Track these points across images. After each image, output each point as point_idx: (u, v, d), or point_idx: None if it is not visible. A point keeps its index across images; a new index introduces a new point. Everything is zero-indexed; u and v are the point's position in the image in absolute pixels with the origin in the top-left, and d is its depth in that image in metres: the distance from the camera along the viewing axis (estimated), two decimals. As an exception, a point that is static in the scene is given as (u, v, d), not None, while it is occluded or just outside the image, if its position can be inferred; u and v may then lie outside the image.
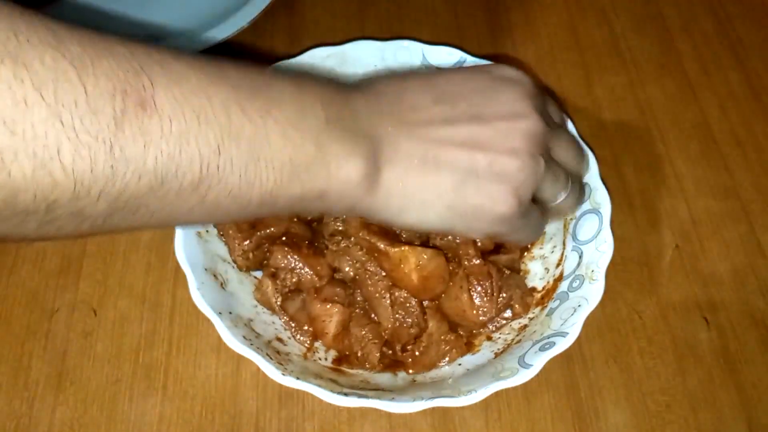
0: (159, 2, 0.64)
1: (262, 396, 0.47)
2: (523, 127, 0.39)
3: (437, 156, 0.38)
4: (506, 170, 0.38)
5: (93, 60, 0.27)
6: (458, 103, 0.39)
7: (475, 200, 0.38)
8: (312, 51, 0.53)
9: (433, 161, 0.38)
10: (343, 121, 0.36)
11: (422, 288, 0.45)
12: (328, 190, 0.35)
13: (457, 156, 0.38)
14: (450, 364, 0.46)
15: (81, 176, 0.27)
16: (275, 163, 0.33)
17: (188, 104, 0.29)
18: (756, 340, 0.50)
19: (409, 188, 0.37)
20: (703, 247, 0.54)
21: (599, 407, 0.47)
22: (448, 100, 0.39)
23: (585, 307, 0.43)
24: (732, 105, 0.62)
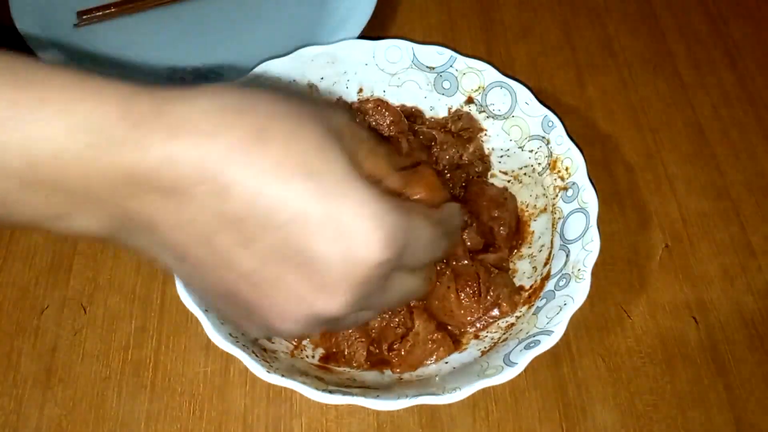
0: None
1: (251, 394, 0.47)
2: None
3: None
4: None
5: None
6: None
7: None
8: (301, 50, 0.53)
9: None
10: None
11: None
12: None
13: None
14: (437, 363, 0.46)
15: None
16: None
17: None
18: (745, 340, 0.50)
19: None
20: (693, 247, 0.54)
21: (587, 406, 0.47)
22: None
23: (570, 306, 0.43)
24: (724, 105, 0.62)
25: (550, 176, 0.51)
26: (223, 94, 0.31)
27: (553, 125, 0.51)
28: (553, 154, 0.51)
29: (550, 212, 0.50)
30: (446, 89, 0.55)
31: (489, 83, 0.54)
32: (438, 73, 0.55)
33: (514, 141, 0.53)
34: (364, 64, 0.55)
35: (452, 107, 0.55)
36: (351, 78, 0.55)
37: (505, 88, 0.53)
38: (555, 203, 0.50)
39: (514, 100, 0.53)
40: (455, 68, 0.54)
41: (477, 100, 0.54)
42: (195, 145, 0.29)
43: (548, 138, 0.51)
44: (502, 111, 0.54)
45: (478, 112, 0.55)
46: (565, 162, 0.50)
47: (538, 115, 0.52)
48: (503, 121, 0.54)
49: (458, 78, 0.54)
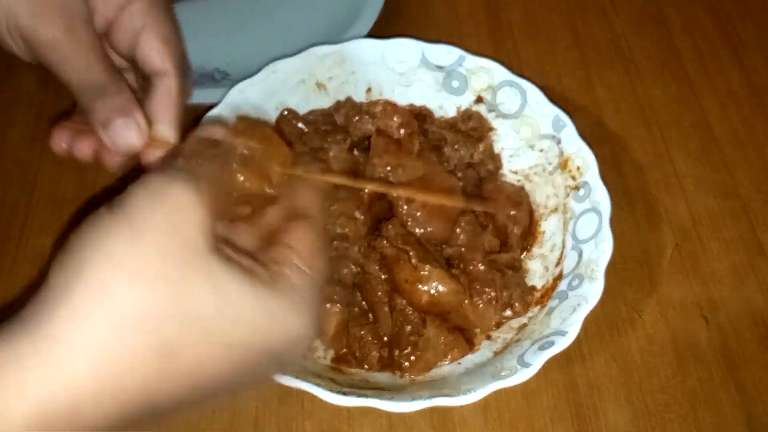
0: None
1: (261, 395, 0.47)
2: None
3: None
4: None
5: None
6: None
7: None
8: (311, 49, 0.53)
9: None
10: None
11: (424, 307, 0.45)
12: None
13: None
14: (450, 364, 0.46)
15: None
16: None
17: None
18: (756, 339, 0.50)
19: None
20: (703, 246, 0.54)
21: (599, 406, 0.47)
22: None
23: (584, 306, 0.43)
24: (732, 103, 0.62)
25: (561, 176, 0.51)
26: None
27: (564, 124, 0.51)
28: (564, 153, 0.51)
29: (562, 212, 0.50)
30: (455, 88, 0.55)
31: (499, 82, 0.53)
32: (447, 72, 0.55)
33: (524, 140, 0.53)
34: (373, 63, 0.55)
35: (461, 107, 0.55)
36: (359, 77, 0.55)
37: (515, 87, 0.53)
38: (566, 203, 0.50)
39: (524, 100, 0.53)
40: (464, 67, 0.54)
41: (487, 99, 0.54)
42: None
43: (559, 137, 0.51)
44: (512, 110, 0.53)
45: (487, 111, 0.54)
46: (577, 161, 0.50)
47: (549, 115, 0.52)
48: (513, 120, 0.54)
49: (467, 77, 0.54)
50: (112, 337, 0.26)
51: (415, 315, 0.45)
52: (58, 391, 0.26)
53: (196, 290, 0.28)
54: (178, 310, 0.28)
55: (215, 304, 0.28)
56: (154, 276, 0.27)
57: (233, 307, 0.29)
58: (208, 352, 0.28)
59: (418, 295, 0.44)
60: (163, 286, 0.27)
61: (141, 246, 0.28)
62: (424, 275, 0.44)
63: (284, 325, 0.31)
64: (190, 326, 0.28)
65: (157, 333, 0.27)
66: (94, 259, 0.27)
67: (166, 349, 0.27)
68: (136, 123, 0.38)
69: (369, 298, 0.47)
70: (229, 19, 0.65)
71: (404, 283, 0.45)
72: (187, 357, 0.28)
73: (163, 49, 0.40)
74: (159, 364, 0.27)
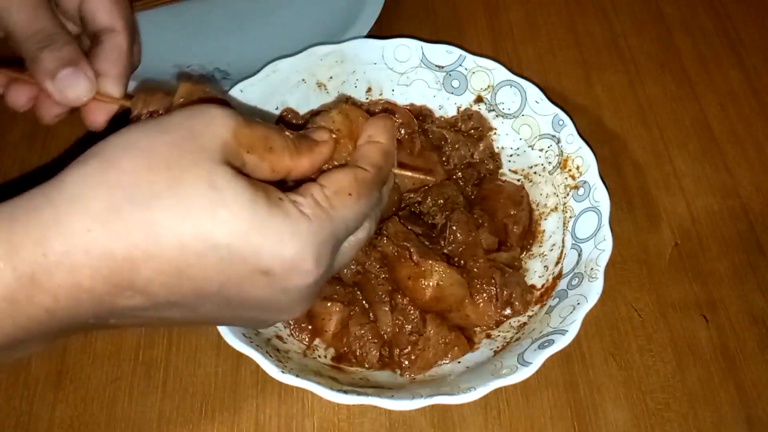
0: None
1: (262, 393, 0.47)
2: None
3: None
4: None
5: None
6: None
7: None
8: (311, 49, 0.53)
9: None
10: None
11: (428, 303, 0.45)
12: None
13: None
14: (451, 362, 0.46)
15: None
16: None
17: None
18: (755, 339, 0.50)
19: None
20: (702, 246, 0.54)
21: (598, 405, 0.47)
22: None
23: (584, 305, 0.43)
24: (732, 103, 0.62)
25: (561, 175, 0.51)
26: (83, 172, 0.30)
27: (564, 124, 0.51)
28: (563, 152, 0.51)
29: (561, 211, 0.50)
30: (455, 88, 0.55)
31: (498, 82, 0.54)
32: (447, 72, 0.55)
33: (524, 140, 0.53)
34: (373, 63, 0.55)
35: (461, 106, 0.55)
36: (360, 77, 0.55)
37: (515, 86, 0.53)
38: (566, 202, 0.50)
39: (523, 99, 0.53)
40: (464, 67, 0.54)
41: (486, 99, 0.54)
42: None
43: (559, 137, 0.51)
44: (512, 110, 0.53)
45: (487, 111, 0.55)
46: (576, 161, 0.50)
47: (549, 114, 0.52)
48: (513, 120, 0.54)
49: (467, 77, 0.54)
50: (106, 212, 0.28)
51: (415, 314, 0.45)
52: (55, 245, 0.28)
53: (192, 181, 0.29)
54: (170, 192, 0.29)
55: (208, 199, 0.29)
56: (157, 160, 0.29)
57: (227, 209, 0.29)
58: (194, 245, 0.29)
59: (421, 291, 0.44)
60: (163, 170, 0.29)
61: (159, 138, 0.30)
62: (426, 270, 0.44)
63: (277, 246, 0.30)
64: (180, 212, 0.29)
65: (149, 210, 0.28)
66: (114, 142, 0.30)
67: (152, 227, 0.28)
68: (85, 74, 0.38)
69: (369, 297, 0.47)
70: (229, 19, 0.65)
71: (406, 279, 0.45)
72: (171, 240, 0.29)
73: (112, 7, 0.40)
74: (145, 242, 0.28)
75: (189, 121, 0.31)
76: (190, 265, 0.29)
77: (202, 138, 0.30)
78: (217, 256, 0.29)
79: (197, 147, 0.30)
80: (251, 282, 0.31)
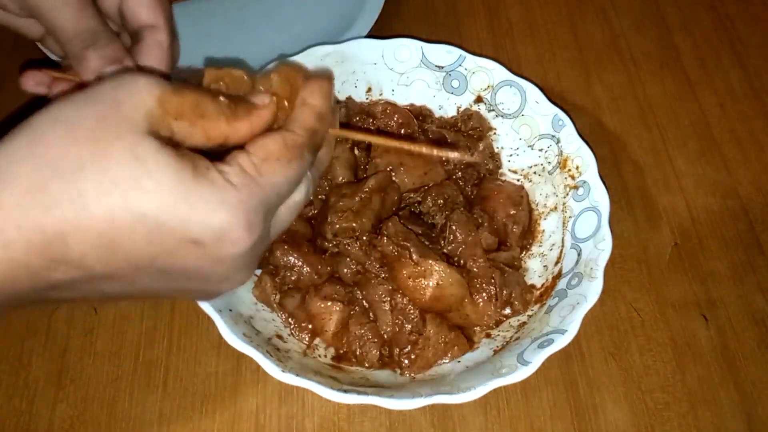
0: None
1: (263, 393, 0.47)
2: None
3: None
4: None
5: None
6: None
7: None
8: (311, 49, 0.53)
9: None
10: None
11: (428, 303, 0.45)
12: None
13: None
14: (451, 362, 0.46)
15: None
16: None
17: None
18: (755, 338, 0.50)
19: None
20: (702, 245, 0.54)
21: (598, 404, 0.47)
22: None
23: (583, 305, 0.43)
24: (731, 103, 0.62)
25: (561, 175, 0.51)
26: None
27: (564, 124, 0.51)
28: (563, 152, 0.51)
29: (561, 211, 0.50)
30: (455, 88, 0.55)
31: (498, 82, 0.54)
32: (447, 72, 0.55)
33: (524, 140, 0.53)
34: (373, 63, 0.55)
35: (461, 106, 0.55)
36: (360, 77, 0.55)
37: (514, 87, 0.53)
38: (565, 202, 0.50)
39: (523, 99, 0.53)
40: (464, 67, 0.54)
41: (486, 99, 0.54)
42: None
43: (558, 137, 0.51)
44: (512, 110, 0.54)
45: (487, 111, 0.55)
46: (576, 161, 0.50)
47: (548, 114, 0.52)
48: (513, 120, 0.54)
49: (467, 77, 0.54)
50: (35, 187, 0.28)
51: (415, 314, 0.45)
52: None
53: (116, 154, 0.29)
54: (95, 165, 0.29)
55: (132, 171, 0.29)
56: (83, 133, 0.29)
57: (151, 180, 0.29)
58: (123, 216, 0.29)
59: (421, 290, 0.45)
60: (88, 143, 0.29)
61: (84, 110, 0.30)
62: (426, 270, 0.44)
63: (205, 216, 0.30)
64: (106, 185, 0.29)
65: (75, 183, 0.29)
66: (42, 117, 0.30)
67: (79, 200, 0.29)
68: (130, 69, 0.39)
69: (369, 297, 0.47)
70: (229, 19, 0.65)
71: (406, 279, 0.45)
72: (100, 212, 0.29)
73: (153, 4, 0.41)
74: (75, 215, 0.29)
75: (114, 92, 0.31)
76: (121, 238, 0.30)
77: (126, 108, 0.30)
78: (146, 227, 0.30)
79: (122, 118, 0.30)
80: (183, 253, 0.31)
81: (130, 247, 0.30)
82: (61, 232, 0.29)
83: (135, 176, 0.29)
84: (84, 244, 0.29)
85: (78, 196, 0.29)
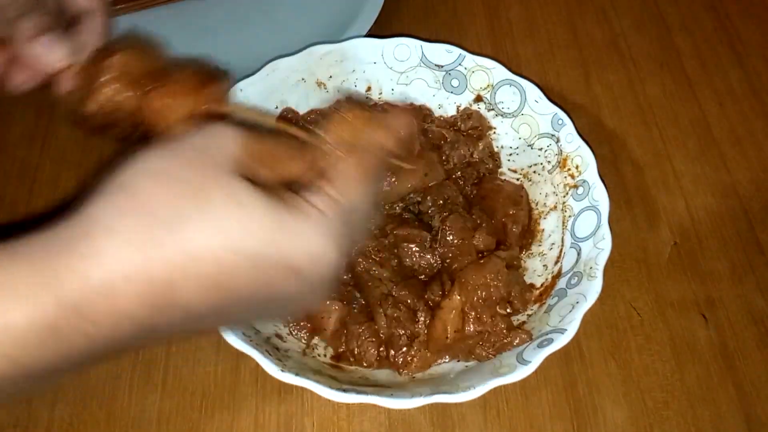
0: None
1: (262, 392, 0.47)
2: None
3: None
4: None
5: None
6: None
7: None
8: (311, 48, 0.53)
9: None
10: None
11: None
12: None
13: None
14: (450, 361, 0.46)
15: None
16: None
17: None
18: (754, 338, 0.50)
19: None
20: (701, 245, 0.54)
21: (597, 404, 0.47)
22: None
23: (583, 304, 0.43)
24: (731, 102, 0.62)
25: (560, 174, 0.51)
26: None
27: (563, 123, 0.51)
28: (563, 152, 0.51)
29: (561, 210, 0.50)
30: (455, 87, 0.55)
31: (498, 81, 0.54)
32: (447, 71, 0.55)
33: (524, 139, 0.53)
34: (373, 62, 0.55)
35: (461, 105, 0.55)
36: (359, 76, 0.55)
37: (514, 86, 0.53)
38: (565, 201, 0.50)
39: (523, 98, 0.53)
40: (464, 66, 0.54)
41: (486, 98, 0.54)
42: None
43: (558, 136, 0.51)
44: (512, 109, 0.54)
45: (487, 110, 0.55)
46: (575, 160, 0.50)
47: (548, 113, 0.52)
48: (512, 119, 0.54)
49: (467, 76, 0.54)
50: (141, 239, 0.29)
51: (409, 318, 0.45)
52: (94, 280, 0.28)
53: (217, 200, 0.30)
54: (198, 212, 0.30)
55: (235, 214, 0.30)
56: (180, 183, 0.30)
57: (253, 222, 0.31)
58: (228, 258, 0.30)
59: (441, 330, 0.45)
60: (187, 191, 0.30)
61: (175, 161, 0.31)
62: None
63: (306, 245, 0.32)
64: (211, 230, 0.30)
65: (181, 232, 0.29)
66: (131, 170, 0.31)
67: (187, 247, 0.30)
68: (65, 42, 0.39)
69: (368, 298, 0.47)
70: (229, 19, 0.65)
71: None
72: (207, 256, 0.30)
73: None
74: (183, 262, 0.29)
75: (202, 140, 0.33)
76: (227, 278, 0.31)
77: (216, 156, 0.32)
78: (250, 264, 0.31)
79: (214, 164, 0.31)
80: (283, 282, 0.33)
81: (234, 285, 0.31)
82: (170, 279, 0.29)
83: (238, 219, 0.30)
84: (191, 289, 0.30)
85: (185, 243, 0.30)
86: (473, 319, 0.44)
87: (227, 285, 0.31)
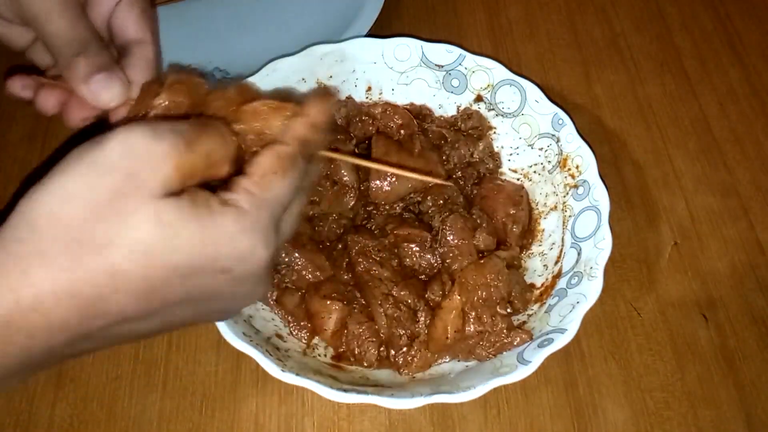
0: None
1: (262, 392, 0.47)
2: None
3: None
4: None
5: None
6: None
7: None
8: (311, 48, 0.53)
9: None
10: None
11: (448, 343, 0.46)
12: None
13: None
14: (450, 361, 0.46)
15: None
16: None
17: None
18: (755, 338, 0.50)
19: None
20: (702, 245, 0.54)
21: (598, 404, 0.47)
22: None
23: (583, 304, 0.43)
24: (731, 102, 0.62)
25: (561, 174, 0.51)
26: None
27: (563, 123, 0.51)
28: (563, 152, 0.51)
29: (561, 210, 0.50)
30: (455, 87, 0.55)
31: (498, 81, 0.54)
32: (447, 71, 0.55)
33: (524, 139, 0.53)
34: (373, 62, 0.55)
35: (461, 105, 0.55)
36: (359, 76, 0.55)
37: (514, 86, 0.53)
38: (565, 201, 0.50)
39: (523, 98, 0.53)
40: (464, 66, 0.54)
41: (486, 98, 0.54)
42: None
43: (558, 136, 0.51)
44: (512, 109, 0.53)
45: (487, 110, 0.55)
46: (576, 160, 0.50)
47: (548, 113, 0.52)
48: (513, 119, 0.54)
49: (467, 76, 0.54)
50: (68, 263, 0.30)
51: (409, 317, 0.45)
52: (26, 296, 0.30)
53: (143, 225, 0.31)
54: (123, 238, 0.31)
55: (159, 235, 0.31)
56: (105, 208, 0.31)
57: (178, 238, 0.32)
58: (157, 274, 0.32)
59: (442, 330, 0.45)
60: (112, 216, 0.31)
61: (100, 184, 0.31)
62: None
63: (232, 246, 0.33)
64: (137, 253, 0.31)
65: (108, 257, 0.31)
66: (55, 194, 0.31)
67: (114, 269, 0.31)
68: (120, 79, 0.40)
69: (368, 298, 0.47)
70: (229, 19, 0.65)
71: None
72: (135, 274, 0.31)
73: (141, 20, 0.42)
74: (112, 281, 0.31)
75: (127, 162, 0.32)
76: (157, 288, 0.32)
77: (142, 177, 0.32)
78: (178, 274, 0.32)
79: (138, 187, 0.31)
80: (214, 282, 0.34)
81: (166, 293, 0.33)
82: (99, 295, 0.31)
83: (162, 237, 0.31)
84: (121, 301, 0.31)
85: (112, 266, 0.31)
86: (473, 319, 0.44)
87: (160, 294, 0.32)
